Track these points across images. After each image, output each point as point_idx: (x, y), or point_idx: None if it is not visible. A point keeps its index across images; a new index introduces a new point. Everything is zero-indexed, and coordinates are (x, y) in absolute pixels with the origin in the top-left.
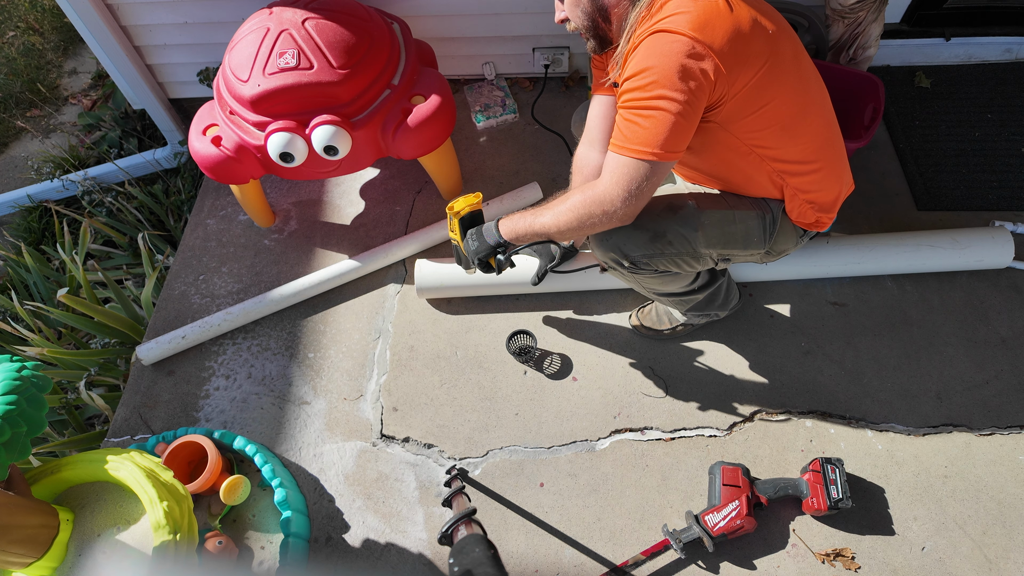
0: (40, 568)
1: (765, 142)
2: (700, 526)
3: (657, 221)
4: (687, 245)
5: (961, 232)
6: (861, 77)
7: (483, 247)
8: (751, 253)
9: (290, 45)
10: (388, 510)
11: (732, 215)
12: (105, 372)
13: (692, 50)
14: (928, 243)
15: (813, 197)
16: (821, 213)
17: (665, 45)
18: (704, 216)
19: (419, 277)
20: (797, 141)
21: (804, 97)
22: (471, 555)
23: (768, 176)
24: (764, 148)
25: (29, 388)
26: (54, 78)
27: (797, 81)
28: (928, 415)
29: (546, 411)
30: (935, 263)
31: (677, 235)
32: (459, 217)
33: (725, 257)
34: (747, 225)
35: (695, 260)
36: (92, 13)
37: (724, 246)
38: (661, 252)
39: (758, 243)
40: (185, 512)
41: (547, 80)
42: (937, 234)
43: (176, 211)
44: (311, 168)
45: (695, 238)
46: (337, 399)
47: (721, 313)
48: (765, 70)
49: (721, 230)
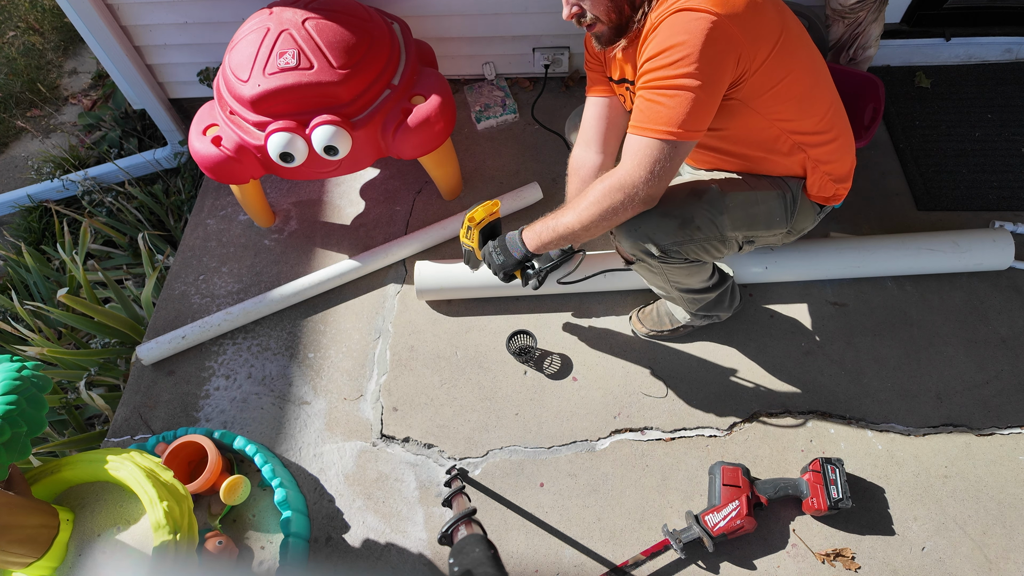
0: (40, 568)
1: (786, 115)
2: (700, 526)
3: (684, 207)
4: (714, 229)
5: (961, 235)
6: (861, 77)
7: (510, 262)
8: (774, 233)
9: (290, 45)
10: (388, 510)
11: (754, 196)
12: (105, 372)
13: (715, 26)
14: (928, 246)
15: (831, 168)
16: (838, 185)
17: (689, 23)
18: (728, 199)
19: (419, 279)
20: (814, 111)
21: (815, 67)
22: (471, 555)
23: (790, 150)
24: (785, 121)
25: (29, 388)
26: (54, 78)
27: (807, 53)
28: (928, 415)
29: (546, 411)
30: (935, 265)
31: (705, 220)
32: (480, 228)
33: (749, 239)
34: (769, 205)
35: (722, 244)
36: (92, 13)
37: (749, 227)
38: (690, 238)
39: (780, 222)
40: (185, 512)
41: (547, 80)
42: (937, 237)
43: (176, 211)
44: (311, 168)
45: (722, 221)
46: (337, 399)
47: (724, 315)
48: (781, 42)
49: (745, 211)
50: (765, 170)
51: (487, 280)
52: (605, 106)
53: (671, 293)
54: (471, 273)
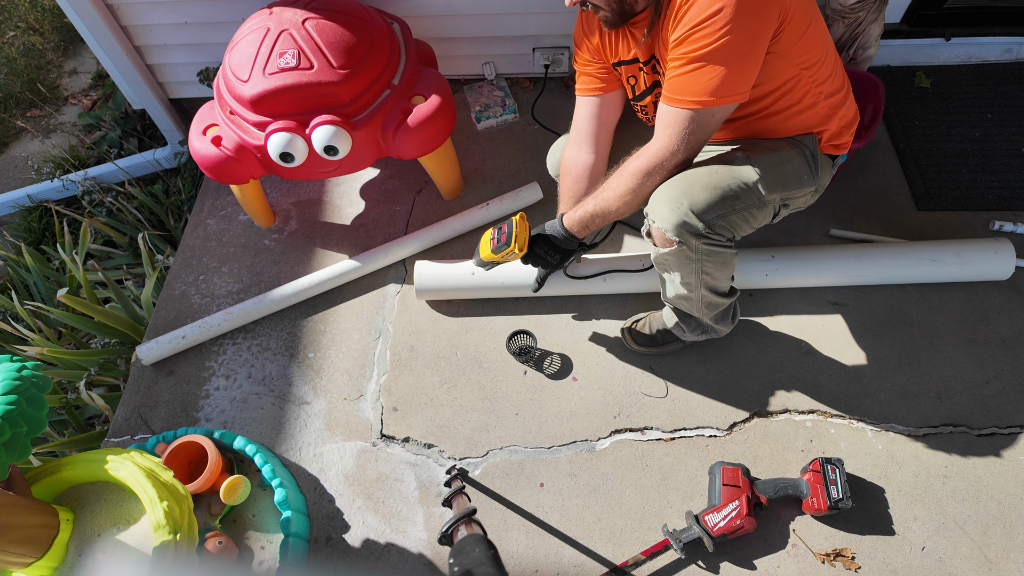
0: (40, 568)
1: (811, 59)
2: (700, 526)
3: (720, 177)
4: (752, 195)
5: (963, 245)
6: (861, 77)
7: (567, 255)
8: (804, 192)
9: (290, 45)
10: (388, 510)
11: (779, 157)
12: (105, 372)
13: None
14: (930, 256)
15: (844, 113)
16: (848, 130)
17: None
18: (756, 162)
19: (418, 279)
20: (829, 63)
21: (823, 21)
22: (471, 555)
23: (813, 101)
24: (810, 68)
25: (29, 388)
26: (54, 78)
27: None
28: (928, 415)
29: (546, 411)
30: (937, 275)
31: (742, 187)
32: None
33: (784, 203)
34: (794, 164)
35: (759, 211)
36: (92, 13)
37: (783, 188)
38: (732, 208)
39: (808, 180)
40: (185, 512)
41: (547, 80)
42: (939, 247)
43: (176, 211)
44: (311, 168)
45: (759, 185)
46: (337, 399)
47: (724, 330)
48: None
49: (775, 172)
50: (783, 130)
51: (487, 280)
52: (597, 105)
53: (693, 293)
54: (471, 273)
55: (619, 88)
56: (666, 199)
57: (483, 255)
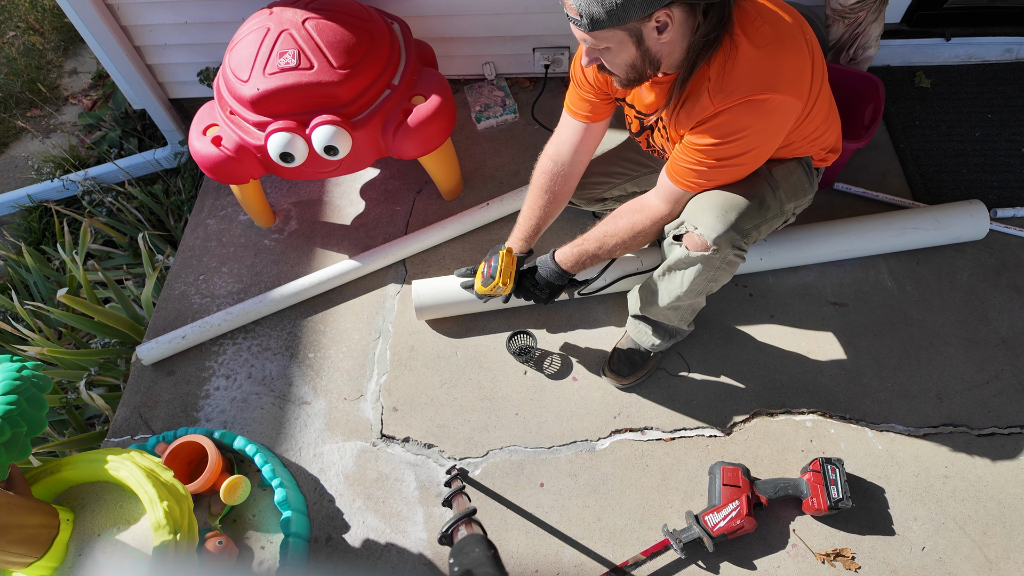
0: (40, 568)
1: (816, 135)
2: (700, 526)
3: (751, 188)
4: (778, 204)
5: (941, 210)
6: (861, 77)
7: (556, 290)
8: (807, 200)
9: (290, 45)
10: (388, 510)
11: (788, 167)
12: (105, 372)
13: (787, 111)
14: (912, 225)
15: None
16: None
17: (764, 115)
18: (776, 174)
19: (417, 299)
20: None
21: (820, 75)
22: (471, 555)
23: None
24: (813, 138)
25: (29, 388)
26: (54, 78)
27: (816, 64)
28: (928, 415)
29: (546, 411)
30: (920, 241)
31: (770, 196)
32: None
33: (794, 211)
34: (799, 174)
35: (778, 220)
36: (92, 13)
37: (796, 196)
38: (764, 218)
39: (810, 187)
40: (185, 512)
41: (547, 80)
42: (919, 215)
43: (176, 211)
44: (311, 168)
45: (779, 195)
46: (337, 399)
47: (687, 331)
48: (814, 73)
49: (788, 182)
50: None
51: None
52: (582, 131)
53: (688, 301)
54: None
55: (607, 119)
56: (710, 208)
57: (476, 288)
